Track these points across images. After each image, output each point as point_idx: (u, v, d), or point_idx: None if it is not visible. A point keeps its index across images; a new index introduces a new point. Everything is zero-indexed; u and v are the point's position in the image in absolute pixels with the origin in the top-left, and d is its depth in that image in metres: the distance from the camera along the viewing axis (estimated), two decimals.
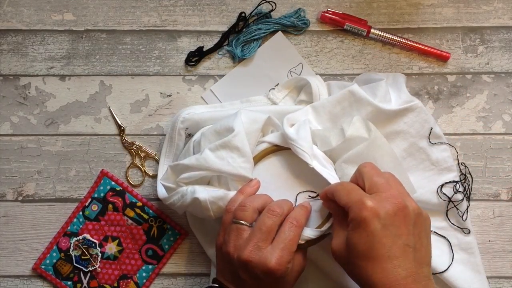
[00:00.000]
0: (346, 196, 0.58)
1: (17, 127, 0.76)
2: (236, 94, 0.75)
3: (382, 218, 0.55)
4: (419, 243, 0.57)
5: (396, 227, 0.56)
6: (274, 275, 0.58)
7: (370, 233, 0.55)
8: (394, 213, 0.56)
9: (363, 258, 0.56)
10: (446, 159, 0.71)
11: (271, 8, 0.76)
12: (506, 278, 0.74)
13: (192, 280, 0.74)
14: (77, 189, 0.75)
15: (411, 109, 0.70)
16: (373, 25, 0.76)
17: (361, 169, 0.61)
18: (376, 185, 0.58)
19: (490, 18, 0.76)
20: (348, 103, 0.69)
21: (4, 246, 0.75)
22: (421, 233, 0.58)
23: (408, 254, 0.55)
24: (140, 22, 0.77)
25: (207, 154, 0.64)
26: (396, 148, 0.71)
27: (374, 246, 0.55)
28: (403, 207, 0.56)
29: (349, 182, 0.62)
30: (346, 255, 0.57)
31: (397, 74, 0.73)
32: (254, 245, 0.59)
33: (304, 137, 0.65)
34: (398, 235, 0.55)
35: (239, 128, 0.64)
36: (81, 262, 0.74)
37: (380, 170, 0.61)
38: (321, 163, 0.66)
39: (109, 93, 0.76)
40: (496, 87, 0.76)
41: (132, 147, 0.75)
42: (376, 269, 0.55)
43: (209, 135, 0.67)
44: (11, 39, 0.77)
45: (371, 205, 0.56)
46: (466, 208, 0.70)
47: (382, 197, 0.57)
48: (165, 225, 0.74)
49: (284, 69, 0.76)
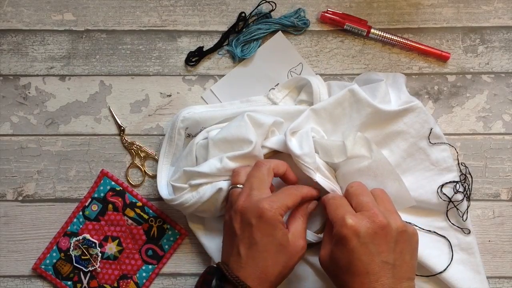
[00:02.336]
0: (333, 211, 0.61)
1: (17, 127, 0.76)
2: (236, 94, 0.75)
3: (361, 237, 0.58)
4: (400, 260, 0.59)
5: (376, 245, 0.58)
6: (264, 216, 0.60)
7: (350, 250, 0.58)
8: (374, 231, 0.58)
9: (344, 272, 0.59)
10: (446, 159, 0.71)
11: (271, 8, 0.76)
12: (506, 278, 0.74)
13: (192, 280, 0.74)
14: (77, 189, 0.75)
15: (411, 110, 0.70)
16: (373, 25, 0.76)
17: (348, 189, 0.64)
18: (361, 204, 0.61)
19: (490, 18, 0.76)
20: (348, 104, 0.70)
21: (4, 246, 0.75)
22: (403, 250, 0.60)
23: (386, 271, 0.58)
24: (140, 22, 0.77)
25: (227, 164, 0.66)
26: (396, 149, 0.71)
27: (353, 263, 0.58)
28: (384, 225, 0.59)
29: (340, 197, 0.64)
30: (331, 266, 0.61)
31: (397, 74, 0.73)
32: (247, 194, 0.62)
33: (308, 153, 0.66)
34: (378, 252, 0.58)
35: (255, 139, 0.66)
36: (81, 262, 0.74)
37: (366, 189, 0.64)
38: (323, 174, 0.67)
39: (109, 93, 0.76)
40: (496, 87, 0.76)
41: (132, 147, 0.75)
42: (355, 283, 0.58)
43: (219, 143, 0.67)
44: (11, 39, 0.77)
45: (351, 223, 0.58)
46: (466, 208, 0.70)
47: (364, 216, 0.59)
48: (165, 225, 0.74)
49: (284, 69, 0.76)
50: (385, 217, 0.59)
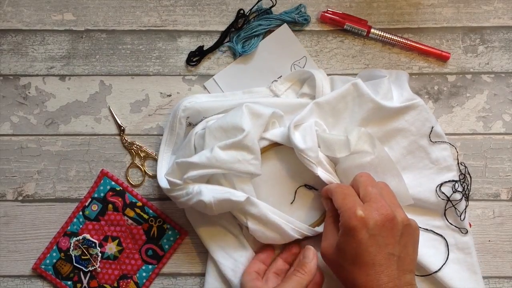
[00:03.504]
0: (341, 200, 0.62)
1: (17, 127, 0.76)
2: (238, 84, 0.75)
3: (370, 228, 0.59)
4: (404, 252, 0.60)
5: (383, 237, 0.59)
6: None
7: (358, 241, 0.59)
8: (382, 223, 0.59)
9: (350, 263, 0.59)
10: (446, 158, 0.71)
11: (271, 4, 0.76)
12: (506, 278, 0.74)
13: (192, 280, 0.74)
14: (77, 189, 0.75)
15: (412, 107, 0.70)
16: (373, 25, 0.76)
17: (357, 179, 0.65)
18: (370, 195, 0.62)
19: (490, 18, 0.76)
20: (351, 98, 0.70)
21: (4, 246, 0.75)
22: (407, 243, 0.61)
23: (392, 263, 0.59)
24: (140, 22, 0.77)
25: (217, 153, 0.65)
26: (396, 146, 0.71)
27: (361, 254, 0.59)
28: (392, 218, 0.60)
29: (347, 186, 0.64)
30: (336, 258, 0.61)
31: (400, 72, 0.73)
32: None
33: (311, 147, 0.66)
34: (384, 244, 0.59)
35: (248, 128, 0.65)
36: (81, 262, 0.74)
37: (374, 181, 0.65)
38: (325, 168, 0.68)
39: (109, 93, 0.76)
40: (496, 87, 0.76)
41: (132, 147, 0.75)
42: (361, 274, 0.59)
43: (214, 132, 0.67)
44: (11, 39, 0.77)
45: (361, 214, 0.59)
46: (464, 208, 0.70)
47: (373, 207, 0.60)
48: (165, 225, 0.74)
49: (287, 62, 0.76)
50: (391, 209, 0.60)
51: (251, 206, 0.66)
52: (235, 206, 0.66)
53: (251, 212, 0.66)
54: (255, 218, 0.67)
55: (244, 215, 0.67)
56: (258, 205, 0.66)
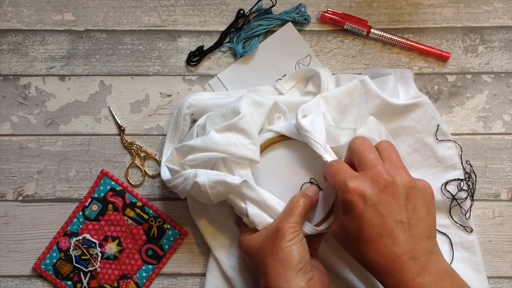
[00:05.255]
0: (333, 177, 0.58)
1: (17, 127, 0.76)
2: (242, 83, 0.75)
3: (368, 199, 0.54)
4: (414, 217, 0.55)
5: (385, 205, 0.54)
6: None
7: (358, 215, 0.54)
8: (380, 191, 0.55)
9: (356, 240, 0.55)
10: (452, 157, 0.71)
11: (271, 4, 0.76)
12: (506, 278, 0.74)
13: (192, 280, 0.74)
14: (77, 189, 0.75)
15: (418, 105, 0.70)
16: (373, 25, 0.76)
17: (350, 145, 0.60)
18: (365, 161, 0.57)
19: (490, 18, 0.76)
20: (358, 94, 0.69)
21: (4, 246, 0.75)
22: (416, 206, 0.56)
23: (401, 231, 0.54)
24: (140, 22, 0.77)
25: (213, 135, 0.64)
26: (402, 144, 0.71)
27: (364, 228, 0.54)
28: (390, 183, 0.55)
29: (339, 161, 0.61)
30: (343, 238, 0.57)
31: (405, 70, 0.73)
32: None
33: (319, 130, 0.64)
34: (388, 212, 0.54)
35: (245, 111, 0.64)
36: (81, 262, 0.74)
37: (370, 144, 0.59)
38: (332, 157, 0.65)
39: (109, 93, 0.76)
40: (496, 87, 0.76)
41: (132, 147, 0.75)
42: (370, 250, 0.54)
43: (214, 118, 0.67)
44: (11, 39, 0.77)
45: (354, 186, 0.55)
46: (469, 207, 0.70)
47: (367, 176, 0.56)
48: (165, 225, 0.74)
49: (292, 60, 0.76)
50: (389, 174, 0.55)
51: (248, 189, 0.64)
52: (232, 189, 0.64)
53: (249, 195, 0.64)
54: (254, 202, 0.64)
55: (242, 199, 0.65)
56: (256, 189, 0.64)
